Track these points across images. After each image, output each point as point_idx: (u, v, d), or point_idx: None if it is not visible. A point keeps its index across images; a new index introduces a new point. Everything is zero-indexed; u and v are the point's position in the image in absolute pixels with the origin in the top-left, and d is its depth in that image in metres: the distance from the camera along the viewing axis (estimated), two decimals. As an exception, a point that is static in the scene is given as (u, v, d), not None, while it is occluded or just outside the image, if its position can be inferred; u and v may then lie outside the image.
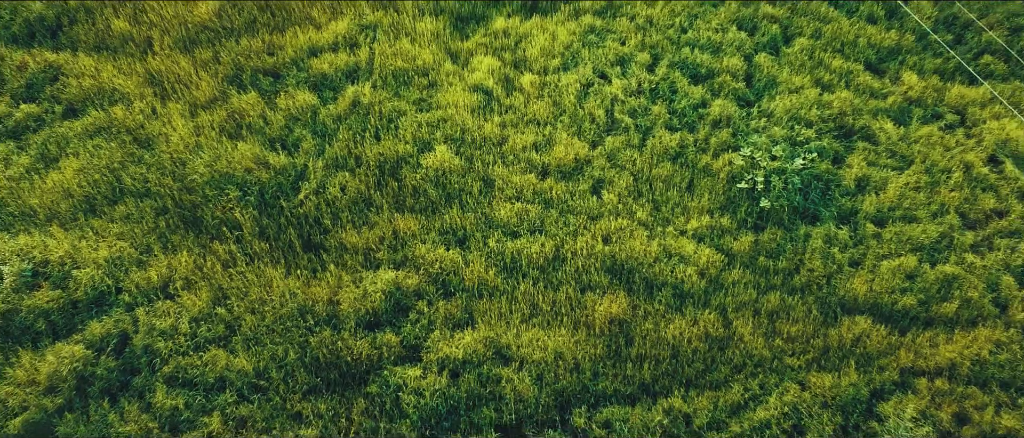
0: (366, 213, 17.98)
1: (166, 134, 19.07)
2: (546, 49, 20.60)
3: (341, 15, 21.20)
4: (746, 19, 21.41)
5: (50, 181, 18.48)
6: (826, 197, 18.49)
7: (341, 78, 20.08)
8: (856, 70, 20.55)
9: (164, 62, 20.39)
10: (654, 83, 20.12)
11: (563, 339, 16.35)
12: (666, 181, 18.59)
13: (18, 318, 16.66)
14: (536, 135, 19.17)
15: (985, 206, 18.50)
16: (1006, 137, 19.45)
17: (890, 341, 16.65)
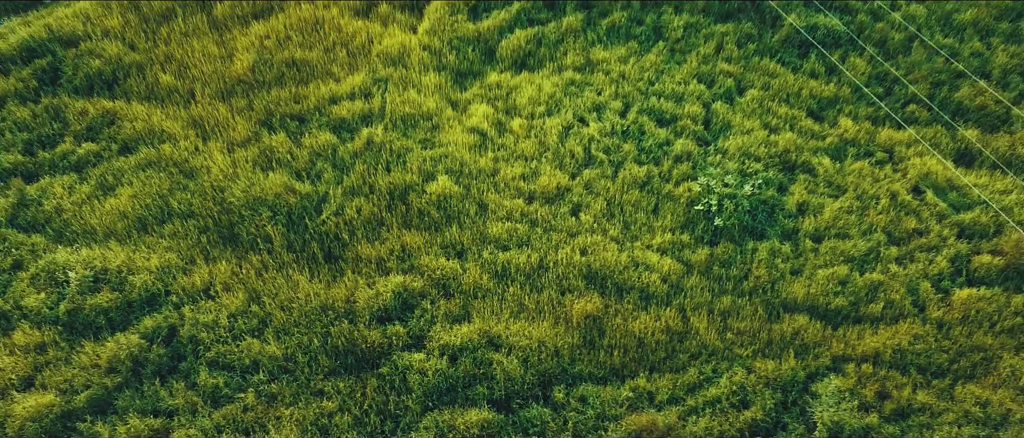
0: (378, 230, 21.08)
1: (207, 166, 22.30)
2: (533, 98, 24.02)
3: (357, 70, 24.68)
4: (705, 74, 24.90)
5: (108, 205, 21.63)
6: (771, 218, 21.63)
7: (357, 121, 23.43)
8: (799, 116, 23.93)
9: (205, 109, 23.76)
10: (625, 126, 23.47)
11: (545, 331, 19.27)
12: (635, 205, 21.76)
13: (82, 315, 19.59)
14: (524, 168, 22.41)
15: (908, 226, 21.63)
16: (927, 171, 22.69)
17: (824, 334, 19.57)
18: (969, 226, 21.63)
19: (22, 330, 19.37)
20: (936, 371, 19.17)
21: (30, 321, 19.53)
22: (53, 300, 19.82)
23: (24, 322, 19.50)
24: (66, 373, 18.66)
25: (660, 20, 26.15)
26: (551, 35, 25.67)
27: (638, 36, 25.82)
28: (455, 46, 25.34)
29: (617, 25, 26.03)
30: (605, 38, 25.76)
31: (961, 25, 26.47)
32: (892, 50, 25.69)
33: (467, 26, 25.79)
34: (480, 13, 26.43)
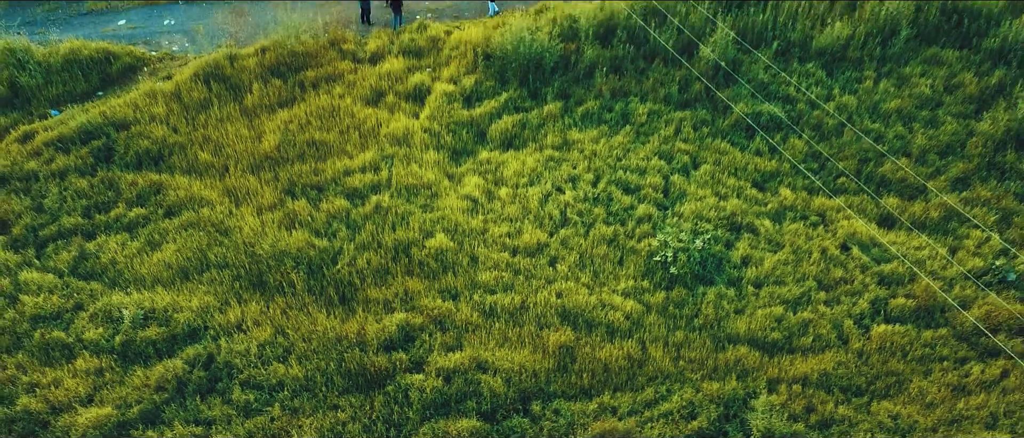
0: (385, 278, 24.87)
1: (240, 226, 26.22)
2: (518, 171, 28.14)
3: (368, 148, 28.87)
4: (665, 152, 29.10)
5: (155, 258, 25.45)
6: (719, 268, 25.45)
7: (367, 190, 27.47)
8: (745, 186, 28.02)
9: (237, 180, 27.84)
10: (596, 193, 27.53)
11: (526, 357, 22.86)
12: (603, 257, 25.61)
13: (134, 345, 23.18)
14: (509, 227, 26.34)
15: (835, 275, 25.43)
16: (854, 231, 26.63)
17: (762, 362, 23.15)
18: (888, 275, 25.45)
19: (83, 358, 22.94)
20: (855, 391, 22.69)
21: (90, 351, 23.13)
22: (109, 334, 23.46)
23: (85, 352, 23.09)
24: (121, 392, 22.16)
25: (627, 108, 30.52)
26: (534, 120, 30.00)
27: (608, 121, 30.15)
28: (451, 129, 29.63)
29: (590, 112, 30.40)
30: (580, 123, 30.09)
31: (887, 112, 30.83)
32: (826, 133, 29.96)
33: (462, 113, 30.15)
34: (473, 102, 30.82)
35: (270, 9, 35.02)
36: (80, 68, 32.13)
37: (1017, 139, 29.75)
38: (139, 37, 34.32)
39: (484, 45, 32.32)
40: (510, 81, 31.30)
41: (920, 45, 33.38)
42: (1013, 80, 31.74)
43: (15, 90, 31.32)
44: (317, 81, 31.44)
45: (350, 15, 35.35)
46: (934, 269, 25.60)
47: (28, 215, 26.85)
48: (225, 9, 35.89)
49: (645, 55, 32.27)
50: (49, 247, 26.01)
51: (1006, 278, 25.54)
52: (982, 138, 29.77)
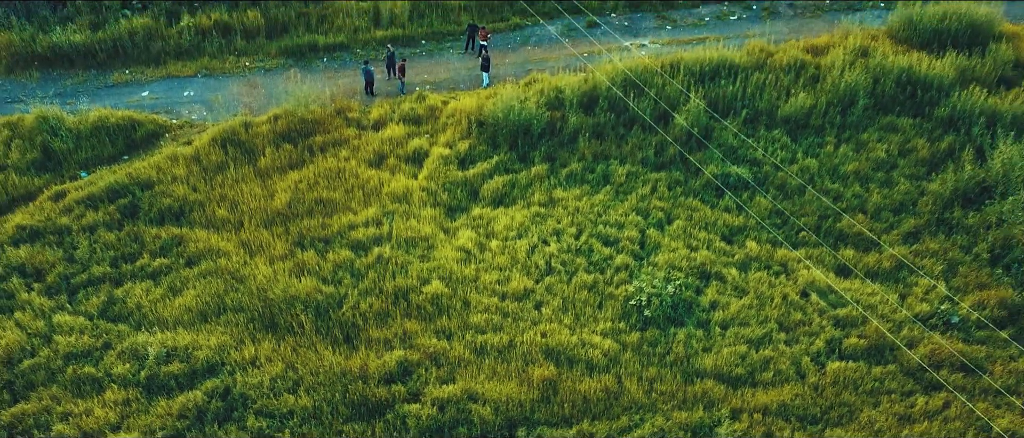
0: (386, 320, 27.42)
1: (253, 274, 28.85)
2: (507, 226, 30.89)
3: (370, 205, 31.65)
4: (642, 208, 31.91)
5: (177, 302, 28.03)
6: (689, 311, 28.02)
7: (370, 242, 30.17)
8: (714, 239, 30.76)
9: (252, 234, 30.56)
10: (578, 245, 30.25)
11: (513, 389, 25.28)
12: (584, 302, 28.21)
13: (158, 379, 25.61)
14: (499, 275, 28.99)
15: (795, 318, 28.01)
16: (813, 280, 29.27)
17: (726, 394, 25.57)
18: (842, 318, 28.02)
19: (112, 390, 25.36)
20: (811, 420, 25.08)
21: (118, 384, 25.56)
22: (135, 369, 25.91)
23: (113, 385, 25.52)
24: (146, 420, 24.53)
25: (608, 170, 33.44)
26: (522, 180, 32.88)
27: (590, 181, 33.03)
28: (447, 188, 32.48)
29: (574, 173, 33.31)
30: (565, 182, 32.97)
31: (846, 174, 33.73)
32: (790, 192, 32.81)
33: (457, 173, 33.05)
34: (467, 164, 33.73)
35: (281, 81, 38.21)
36: (107, 134, 35.07)
37: (964, 197, 32.58)
38: (161, 106, 37.41)
39: (478, 113, 35.39)
40: (501, 145, 34.26)
41: (877, 113, 36.48)
42: (962, 145, 34.72)
43: (48, 154, 34.21)
44: (325, 145, 34.39)
45: (355, 87, 38.52)
46: (885, 313, 28.18)
47: (61, 265, 29.48)
48: (240, 82, 39.09)
49: (625, 122, 35.31)
50: (80, 293, 28.59)
51: (950, 321, 28.11)
52: (932, 197, 32.60)
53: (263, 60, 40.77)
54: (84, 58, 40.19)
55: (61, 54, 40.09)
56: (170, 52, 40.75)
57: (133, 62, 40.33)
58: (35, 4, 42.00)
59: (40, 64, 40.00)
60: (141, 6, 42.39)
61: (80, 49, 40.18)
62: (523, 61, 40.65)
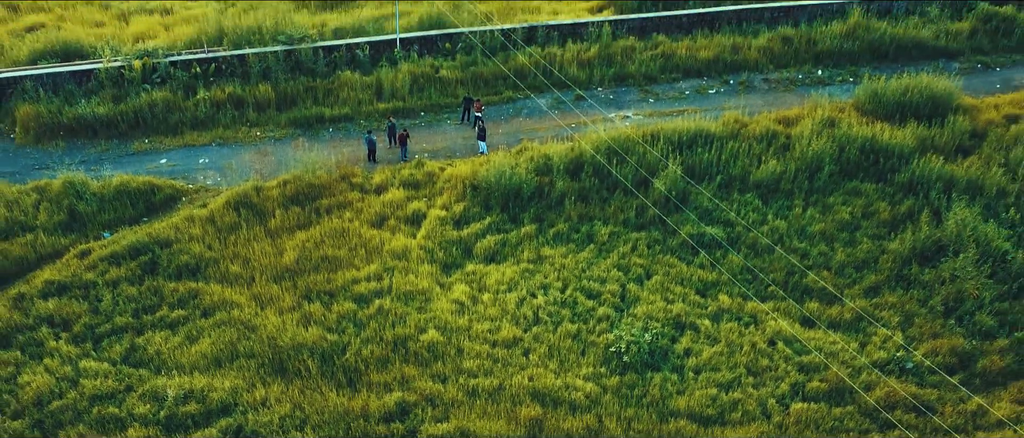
0: (386, 365, 29.84)
1: (264, 324, 31.34)
2: (499, 280, 33.50)
3: (372, 262, 34.29)
4: (623, 265, 34.55)
5: (193, 350, 30.48)
6: (665, 358, 30.46)
7: (371, 295, 32.73)
8: (689, 293, 33.34)
9: (262, 288, 33.14)
10: (564, 298, 32.81)
11: (502, 426, 27.59)
12: (568, 349, 30.67)
13: (176, 418, 27.93)
14: (490, 325, 31.49)
15: (762, 364, 30.44)
16: (780, 329, 31.77)
17: (698, 432, 27.87)
18: (806, 364, 30.45)
19: (134, 428, 27.65)
20: (775, 455, 27.38)
21: (139, 423, 27.86)
22: (155, 409, 28.24)
23: (135, 424, 27.82)
24: (165, 454, 26.80)
25: (592, 230, 36.19)
26: (513, 239, 35.59)
27: (576, 240, 35.75)
28: (443, 246, 35.17)
29: (561, 233, 36.04)
30: (552, 241, 35.68)
31: (812, 234, 36.47)
32: (760, 251, 35.48)
33: (452, 233, 35.78)
34: (462, 225, 36.47)
35: (290, 150, 41.19)
36: (129, 198, 37.85)
37: (921, 255, 35.26)
38: (178, 172, 40.30)
39: (472, 178, 38.28)
40: (493, 207, 37.07)
41: (843, 179, 39.40)
42: (920, 208, 37.56)
43: (74, 216, 36.93)
44: (330, 208, 37.16)
45: (358, 154, 41.48)
46: (845, 359, 30.62)
47: (86, 316, 31.97)
48: (252, 150, 42.07)
49: (608, 187, 38.18)
50: (104, 341, 31.03)
51: (905, 367, 30.56)
52: (892, 255, 35.29)
53: (273, 130, 43.83)
54: (107, 128, 43.24)
55: (86, 125, 43.14)
56: (187, 123, 43.82)
57: (153, 132, 43.38)
58: (62, 78, 45.19)
59: (66, 134, 43.02)
60: (160, 80, 45.60)
61: (103, 120, 43.24)
62: (515, 131, 43.71)
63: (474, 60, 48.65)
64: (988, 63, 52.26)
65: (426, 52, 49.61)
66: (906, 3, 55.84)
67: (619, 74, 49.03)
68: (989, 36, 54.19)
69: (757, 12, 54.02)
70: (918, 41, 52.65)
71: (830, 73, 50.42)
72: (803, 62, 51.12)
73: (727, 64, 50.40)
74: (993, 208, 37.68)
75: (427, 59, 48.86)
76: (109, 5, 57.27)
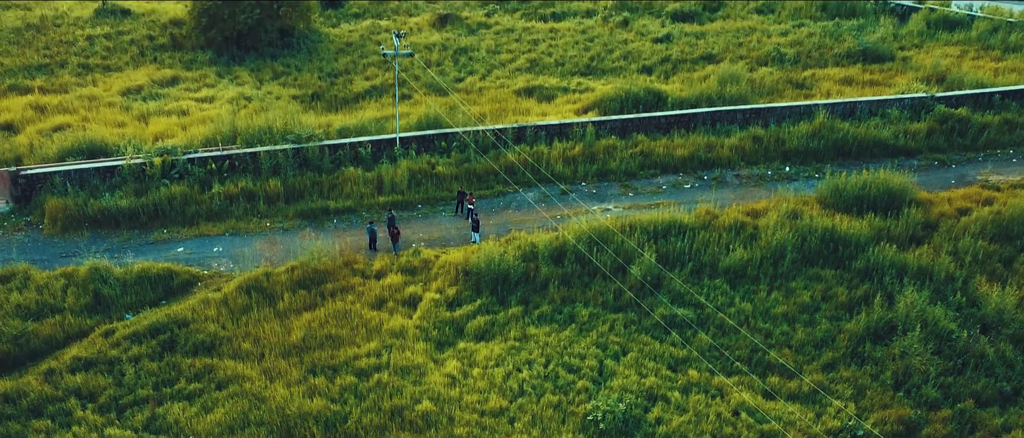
0: (384, 432, 32.83)
1: (273, 395, 34.43)
2: (487, 357, 36.72)
3: (372, 340, 37.56)
4: (602, 343, 37.81)
5: (208, 418, 33.49)
6: (638, 426, 33.47)
7: (371, 370, 35.90)
8: (661, 368, 36.53)
9: (272, 363, 36.32)
10: (547, 373, 35.99)
11: (488, 486, 30.51)
12: (550, 417, 33.72)
13: (193, 479, 30.85)
14: (479, 396, 34.60)
15: (726, 432, 33.44)
16: (743, 401, 34.87)
17: (666, 491, 30.77)
18: (767, 433, 33.46)
19: (154, 488, 30.54)
20: (736, 512, 30.19)
21: (159, 483, 30.75)
22: (174, 471, 31.16)
23: (155, 483, 30.72)
24: (183, 511, 29.62)
25: (574, 311, 39.57)
26: (501, 320, 38.93)
27: (558, 320, 39.10)
28: (437, 326, 38.49)
29: (545, 314, 39.42)
30: (536, 322, 39.02)
31: (776, 315, 39.84)
32: (727, 330, 38.81)
33: (446, 314, 39.14)
34: (455, 307, 39.86)
35: (297, 239, 44.82)
36: (149, 283, 41.29)
37: (874, 334, 38.57)
38: (194, 260, 43.84)
39: (464, 264, 41.83)
40: (484, 291, 40.51)
41: (804, 265, 42.98)
42: (874, 292, 41.03)
43: (99, 299, 40.29)
44: (334, 291, 40.58)
45: (360, 243, 45.10)
46: (802, 428, 33.65)
47: (111, 388, 35.05)
48: (262, 239, 45.71)
49: (589, 272, 41.71)
50: (127, 411, 34.04)
51: (856, 434, 33.57)
52: (848, 334, 38.60)
53: (282, 221, 47.56)
54: (129, 219, 46.96)
55: (109, 216, 46.86)
56: (203, 214, 47.57)
57: (171, 223, 47.09)
58: (87, 174, 49.10)
59: (91, 225, 46.70)
60: (178, 176, 49.53)
61: (126, 212, 47.00)
62: (504, 222, 47.46)
63: (468, 157, 52.76)
64: (945, 160, 56.41)
65: (424, 150, 53.74)
66: (869, 105, 60.36)
67: (602, 170, 53.09)
68: (945, 135, 58.50)
69: (730, 114, 58.46)
70: (879, 140, 56.95)
71: (797, 169, 54.52)
72: (772, 159, 55.28)
73: (702, 161, 54.53)
74: (941, 292, 41.14)
75: (424, 156, 52.96)
76: (130, 107, 61.73)
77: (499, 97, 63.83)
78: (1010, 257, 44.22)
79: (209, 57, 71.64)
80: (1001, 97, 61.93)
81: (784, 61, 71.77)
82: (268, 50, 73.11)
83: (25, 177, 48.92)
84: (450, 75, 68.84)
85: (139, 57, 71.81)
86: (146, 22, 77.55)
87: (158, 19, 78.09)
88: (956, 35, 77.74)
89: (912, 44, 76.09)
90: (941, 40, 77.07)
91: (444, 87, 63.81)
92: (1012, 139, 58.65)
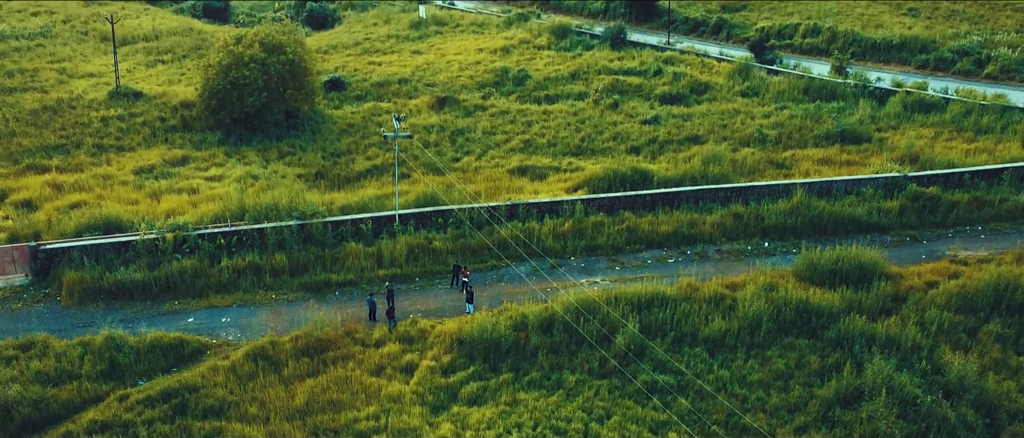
0: (381, 489, 35.11)
1: (278, 456, 36.75)
2: (479, 420, 39.09)
3: (371, 405, 39.95)
4: (587, 407, 40.20)
5: (217, 477, 35.77)
6: (619, 484, 35.75)
7: (370, 432, 38.23)
8: (643, 431, 38.85)
9: (277, 426, 38.67)
10: (535, 435, 38.31)
11: (478, 539, 32.67)
12: (537, 476, 36.03)
13: (202, 533, 33.01)
14: (471, 457, 36.94)
15: (703, 490, 35.72)
16: (719, 461, 37.20)
17: None
18: (741, 490, 35.76)
19: None
20: None
21: (171, 537, 32.91)
22: (185, 526, 33.33)
23: (167, 537, 32.87)
24: None
25: (561, 378, 42.08)
26: (492, 386, 41.42)
27: (547, 386, 41.59)
28: (433, 391, 40.96)
29: (534, 380, 41.93)
30: (526, 387, 41.50)
31: (752, 382, 42.33)
32: (705, 396, 41.25)
33: (441, 380, 41.65)
34: (449, 373, 42.37)
35: (301, 310, 47.51)
36: (161, 351, 43.83)
37: (844, 400, 41.04)
38: (204, 329, 46.45)
39: (458, 334, 44.47)
40: (477, 359, 43.07)
41: (779, 335, 45.63)
42: (845, 360, 43.61)
43: (114, 366, 42.78)
44: (335, 359, 43.14)
45: (361, 314, 47.77)
46: (774, 486, 35.95)
47: (125, 449, 37.41)
48: (268, 310, 48.40)
49: (576, 341, 44.33)
50: (141, 470, 36.37)
51: (825, 492, 35.86)
52: (820, 399, 41.07)
53: (287, 293, 50.32)
54: (142, 291, 49.69)
55: (123, 288, 49.60)
56: (212, 287, 50.32)
57: (182, 295, 49.82)
58: (103, 248, 51.97)
59: (106, 297, 49.42)
60: (189, 250, 52.40)
61: (139, 285, 49.75)
62: (497, 294, 50.20)
63: (463, 233, 55.75)
64: (916, 237, 59.40)
65: (421, 226, 56.75)
66: (844, 184, 63.61)
67: (590, 245, 56.05)
68: (917, 213, 61.58)
69: (712, 192, 61.66)
70: (854, 217, 60.02)
71: (775, 245, 57.48)
72: (752, 235, 58.28)
73: (685, 237, 57.52)
74: (908, 360, 43.72)
75: (422, 232, 55.94)
76: (143, 185, 64.92)
77: (494, 176, 67.11)
78: (974, 327, 46.86)
79: (218, 138, 75.13)
80: (970, 176, 65.18)
81: (766, 142, 75.30)
82: (274, 131, 76.67)
83: (45, 252, 51.76)
84: (447, 155, 72.30)
85: (151, 138, 75.31)
86: (158, 104, 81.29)
87: (169, 101, 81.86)
88: (931, 117, 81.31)
89: (889, 126, 79.65)
90: (917, 122, 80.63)
91: (441, 167, 67.13)
92: (980, 216, 61.69)
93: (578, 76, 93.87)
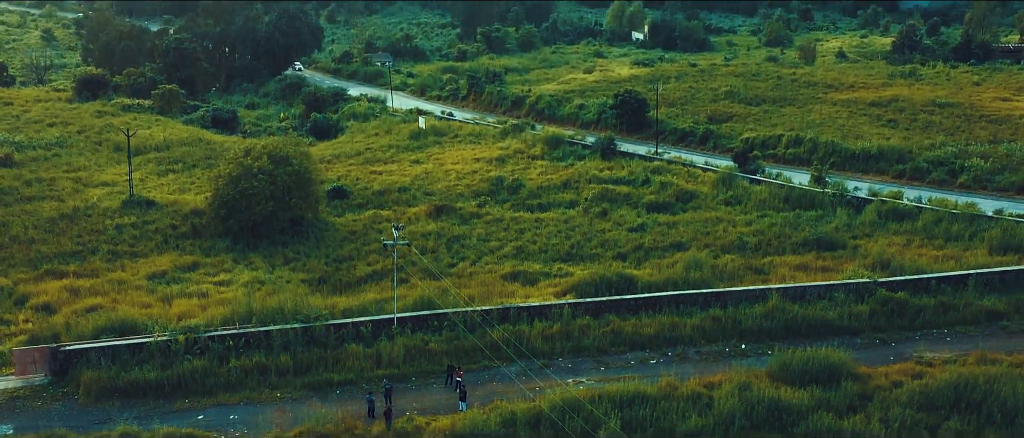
0: None
1: None
2: (470, 510, 42.04)
3: (369, 496, 42.91)
4: (570, 499, 43.19)
5: None
6: None
7: (368, 522, 41.12)
8: (622, 520, 41.74)
9: (281, 516, 41.57)
10: (521, 524, 41.21)
11: None
12: None
13: None
14: None
15: None
16: None
17: None
18: None
19: None
20: None
21: None
22: None
23: None
24: None
25: (547, 471, 45.10)
26: (483, 478, 44.39)
27: (533, 479, 44.55)
28: (426, 484, 43.92)
29: (521, 473, 44.91)
30: (514, 480, 44.46)
31: (725, 476, 45.33)
32: (681, 488, 44.22)
33: (434, 473, 44.65)
34: (442, 467, 45.40)
35: (305, 407, 50.71)
36: (173, 446, 46.95)
37: (811, 491, 44.05)
38: (213, 426, 49.58)
39: (452, 430, 47.63)
40: (468, 453, 46.18)
41: (752, 430, 48.75)
42: (813, 454, 46.72)
43: (128, 459, 45.87)
44: (336, 453, 46.23)
45: (360, 411, 50.95)
46: None
47: (139, 537, 40.21)
48: (273, 408, 51.60)
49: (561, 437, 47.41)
50: None
51: None
52: (788, 491, 44.05)
53: (291, 392, 53.60)
54: (155, 390, 52.97)
55: (138, 387, 52.90)
56: (220, 386, 53.62)
57: (192, 393, 53.09)
58: (119, 350, 55.41)
59: (121, 395, 52.66)
60: (200, 351, 55.84)
61: (152, 383, 53.08)
62: (489, 393, 53.46)
63: (457, 336, 59.30)
64: (885, 339, 62.92)
65: (418, 329, 60.31)
66: (817, 289, 67.43)
67: (577, 347, 59.55)
68: (886, 316, 65.21)
69: (692, 297, 65.45)
70: (826, 321, 63.67)
71: (751, 346, 60.96)
72: (729, 337, 61.80)
73: (666, 339, 61.05)
74: (872, 454, 46.80)
75: (419, 334, 59.48)
76: (155, 289, 68.73)
77: (487, 281, 70.94)
78: (935, 424, 49.93)
79: (226, 244, 79.31)
80: (937, 282, 69.03)
81: (746, 249, 79.41)
82: (280, 238, 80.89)
83: (64, 353, 55.20)
84: (444, 261, 76.33)
85: (163, 244, 79.49)
86: (169, 213, 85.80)
87: (180, 210, 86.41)
88: (904, 225, 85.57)
89: (864, 233, 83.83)
90: (890, 229, 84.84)
91: (437, 273, 71.02)
92: (946, 320, 65.28)
93: (570, 185, 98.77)
